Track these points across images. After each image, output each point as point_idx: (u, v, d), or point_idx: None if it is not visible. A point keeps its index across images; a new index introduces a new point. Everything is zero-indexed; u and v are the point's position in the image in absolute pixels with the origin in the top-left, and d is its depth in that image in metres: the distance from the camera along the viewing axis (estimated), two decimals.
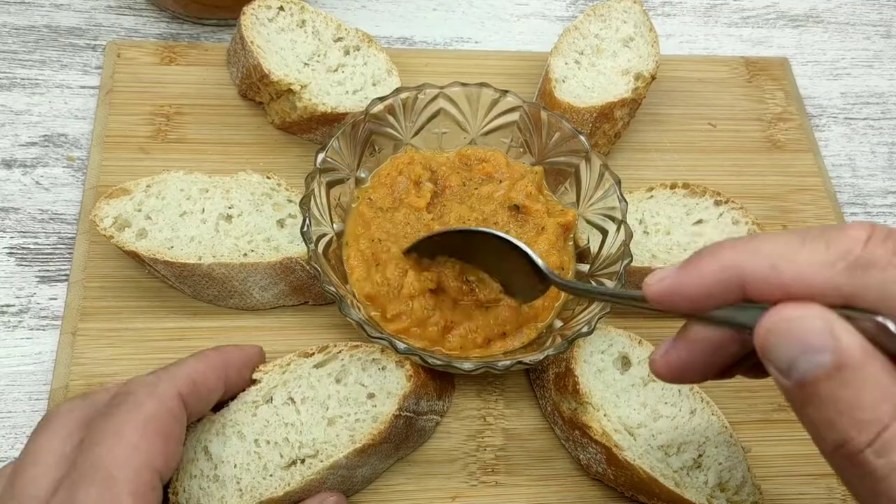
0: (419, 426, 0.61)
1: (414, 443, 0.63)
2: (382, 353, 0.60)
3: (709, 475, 0.64)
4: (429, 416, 0.61)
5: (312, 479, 0.56)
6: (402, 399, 0.57)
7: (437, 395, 0.62)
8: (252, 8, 0.81)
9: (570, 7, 1.01)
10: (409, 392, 0.58)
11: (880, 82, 0.99)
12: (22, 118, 0.82)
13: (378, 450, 0.58)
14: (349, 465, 0.56)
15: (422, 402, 0.60)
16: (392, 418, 0.57)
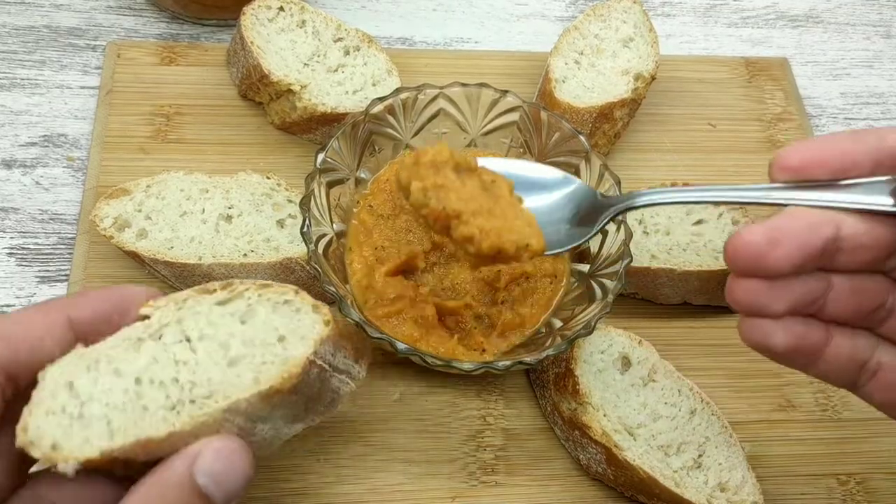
0: (332, 386, 0.52)
1: (324, 407, 0.53)
2: (297, 294, 0.51)
3: (709, 475, 0.64)
4: (343, 377, 0.53)
5: (204, 422, 0.46)
6: (318, 343, 0.49)
7: (354, 357, 0.54)
8: (252, 8, 0.81)
9: (570, 7, 1.01)
10: (326, 337, 0.49)
11: (880, 82, 0.99)
12: (22, 118, 0.83)
13: (285, 401, 0.48)
14: (250, 412, 0.47)
15: (338, 356, 0.52)
16: (306, 362, 0.48)
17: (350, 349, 0.53)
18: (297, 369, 0.48)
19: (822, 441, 0.72)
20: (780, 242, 0.45)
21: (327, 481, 0.66)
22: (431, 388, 0.71)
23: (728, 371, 0.75)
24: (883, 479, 0.71)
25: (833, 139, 0.47)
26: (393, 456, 0.68)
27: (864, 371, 0.51)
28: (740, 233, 0.45)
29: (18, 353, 0.45)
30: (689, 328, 0.76)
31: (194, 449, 0.43)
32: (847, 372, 0.51)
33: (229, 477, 0.43)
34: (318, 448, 0.67)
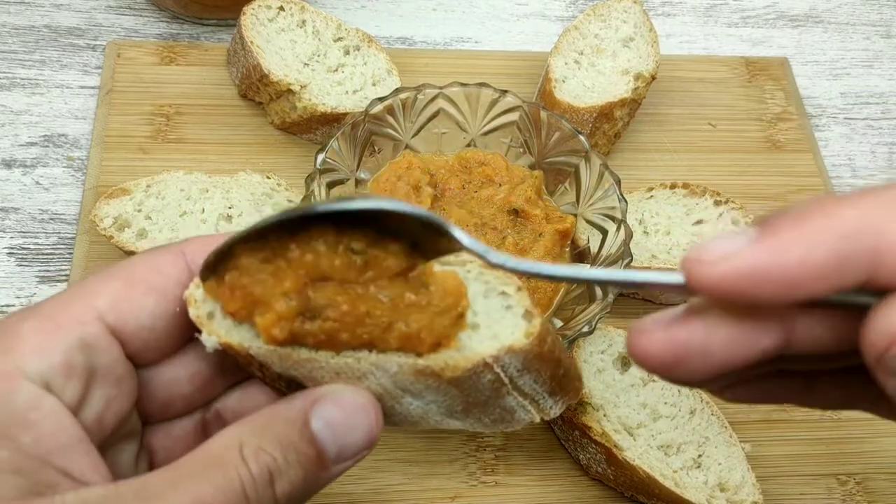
0: (506, 404, 0.45)
1: (490, 420, 0.47)
2: (518, 291, 0.44)
3: (708, 475, 0.64)
4: (525, 401, 0.46)
5: (348, 364, 0.41)
6: (504, 350, 0.41)
7: (549, 389, 0.46)
8: (252, 8, 0.81)
9: (570, 7, 1.01)
10: (518, 349, 0.41)
11: (880, 82, 0.99)
12: (22, 118, 0.83)
13: (442, 388, 0.42)
14: (398, 380, 0.42)
15: (526, 377, 0.44)
16: (480, 362, 0.41)
17: (547, 377, 0.45)
18: (466, 363, 0.41)
19: (822, 441, 0.72)
20: (681, 363, 0.33)
21: None
22: None
23: None
24: (883, 479, 0.71)
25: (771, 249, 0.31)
26: (393, 456, 0.68)
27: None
28: (635, 339, 0.34)
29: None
30: None
31: (321, 391, 0.40)
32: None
33: (348, 431, 0.39)
34: None
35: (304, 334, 0.39)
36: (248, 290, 0.40)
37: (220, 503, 0.36)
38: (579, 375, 0.49)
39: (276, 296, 0.39)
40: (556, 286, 0.71)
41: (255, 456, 0.37)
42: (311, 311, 0.39)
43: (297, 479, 0.38)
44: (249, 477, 0.37)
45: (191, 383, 0.44)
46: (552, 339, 0.44)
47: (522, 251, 0.71)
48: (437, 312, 0.40)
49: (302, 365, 0.41)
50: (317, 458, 0.39)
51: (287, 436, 0.38)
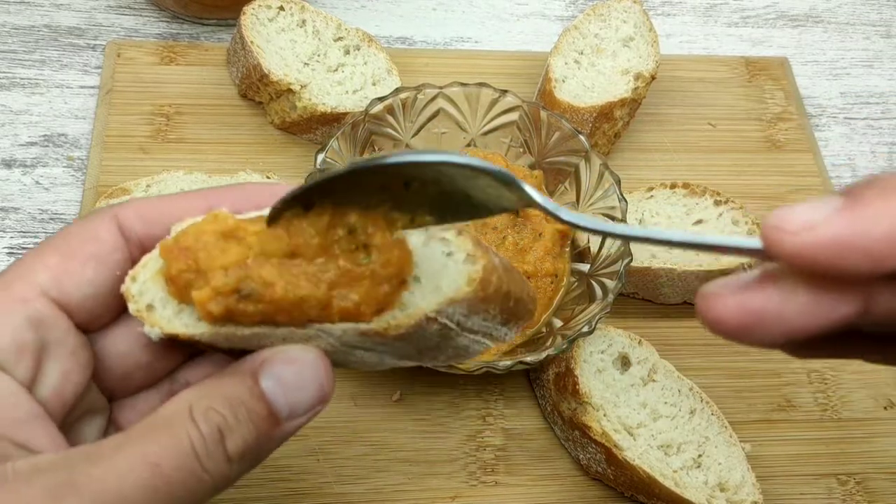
0: (458, 343, 0.44)
1: (445, 357, 0.46)
2: (458, 235, 0.42)
3: (708, 475, 0.64)
4: (477, 336, 0.45)
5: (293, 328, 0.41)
6: (444, 303, 0.40)
7: (503, 320, 0.44)
8: (252, 8, 0.81)
9: (570, 7, 1.01)
10: (461, 299, 0.40)
11: (880, 82, 0.99)
12: (22, 118, 0.83)
13: (389, 343, 0.42)
14: (345, 340, 0.41)
15: (473, 319, 0.42)
16: (423, 319, 0.40)
17: (496, 312, 0.43)
18: (408, 321, 0.40)
19: (822, 441, 0.72)
20: (756, 328, 0.33)
21: (327, 481, 0.66)
22: (431, 388, 0.71)
23: (728, 371, 0.75)
24: (883, 479, 0.71)
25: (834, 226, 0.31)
26: (393, 456, 0.68)
27: None
28: (707, 303, 0.33)
29: (154, 228, 0.43)
30: (689, 328, 0.76)
31: (269, 352, 0.40)
32: None
33: (298, 386, 0.40)
34: (318, 448, 0.67)
35: (240, 313, 0.39)
36: (194, 254, 0.40)
37: (169, 462, 0.36)
38: (532, 297, 0.47)
39: (215, 268, 0.40)
40: (557, 286, 0.71)
41: (203, 415, 0.37)
42: (246, 290, 0.39)
43: (250, 436, 0.38)
44: (199, 435, 0.37)
45: (147, 352, 0.44)
46: (497, 276, 0.42)
47: (522, 251, 0.71)
48: (379, 282, 0.40)
49: (247, 340, 0.41)
50: (269, 416, 0.39)
51: (237, 395, 0.38)
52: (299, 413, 0.40)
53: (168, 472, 0.36)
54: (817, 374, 0.75)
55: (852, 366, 0.76)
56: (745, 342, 0.34)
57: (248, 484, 0.65)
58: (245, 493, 0.64)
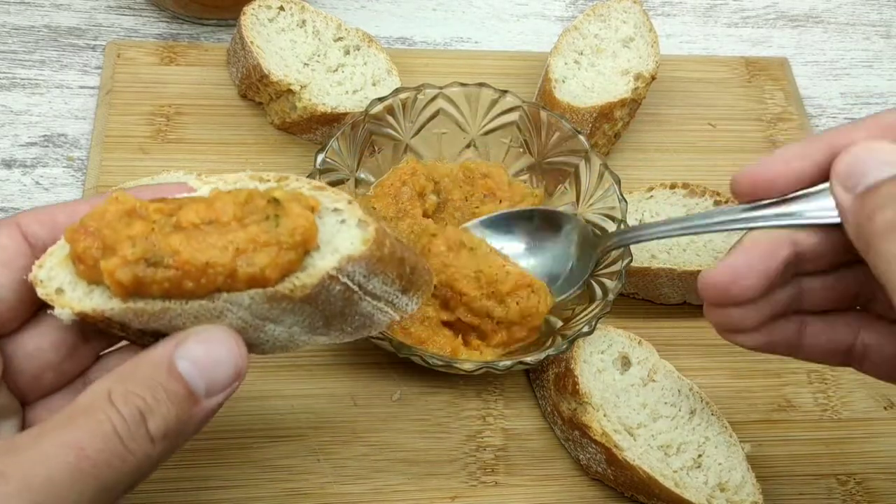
0: (363, 310, 0.47)
1: (352, 328, 0.49)
2: (349, 204, 0.46)
3: (708, 475, 0.64)
4: (380, 303, 0.48)
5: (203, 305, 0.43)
6: (344, 260, 0.44)
7: (400, 287, 0.48)
8: (252, 8, 0.81)
9: (570, 7, 1.01)
10: (357, 256, 0.44)
11: (880, 82, 0.99)
12: (22, 118, 0.83)
13: (296, 308, 0.44)
14: (254, 309, 0.43)
15: (374, 281, 0.46)
16: (326, 277, 0.43)
17: (394, 277, 0.47)
18: (312, 280, 0.43)
19: (822, 441, 0.72)
20: (740, 277, 0.48)
21: (327, 481, 0.66)
22: (431, 388, 0.71)
23: (728, 371, 0.75)
24: (883, 479, 0.71)
25: (782, 154, 0.49)
26: (393, 456, 0.68)
27: (852, 354, 0.53)
28: (704, 274, 0.50)
29: (57, 233, 0.44)
30: (689, 328, 0.76)
31: (182, 333, 0.42)
32: (833, 356, 0.54)
33: (213, 364, 0.41)
34: (318, 448, 0.67)
35: (150, 282, 0.41)
36: (99, 232, 0.42)
37: (93, 444, 0.37)
38: (428, 269, 0.51)
39: (122, 240, 0.41)
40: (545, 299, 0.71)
41: (123, 399, 0.38)
42: (154, 258, 0.41)
43: (170, 415, 0.39)
44: (120, 417, 0.38)
45: (56, 351, 0.45)
46: (391, 241, 0.46)
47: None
48: (285, 249, 0.42)
49: (159, 317, 0.42)
50: (187, 395, 0.40)
51: (154, 377, 0.40)
52: (217, 390, 0.41)
53: (93, 455, 0.37)
54: (817, 375, 0.75)
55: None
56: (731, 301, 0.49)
57: (249, 484, 0.65)
58: (245, 493, 0.64)
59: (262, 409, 0.68)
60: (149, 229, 0.41)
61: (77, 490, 0.36)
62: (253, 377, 0.69)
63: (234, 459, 0.66)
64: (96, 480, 0.37)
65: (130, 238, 0.41)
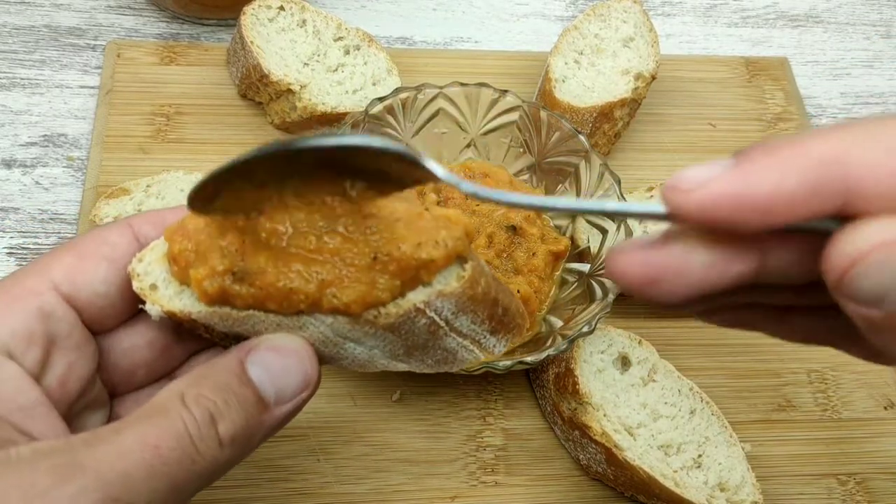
0: (447, 345, 0.45)
1: (433, 361, 0.47)
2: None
3: (708, 475, 0.64)
4: (465, 342, 0.46)
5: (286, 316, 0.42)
6: (434, 295, 0.42)
7: (491, 328, 0.46)
8: (252, 8, 0.81)
9: (570, 7, 1.01)
10: (448, 293, 0.42)
11: (880, 82, 0.99)
12: (22, 118, 0.82)
13: (378, 335, 0.43)
14: (336, 328, 0.42)
15: (462, 319, 0.44)
16: (412, 310, 0.42)
17: (485, 317, 0.45)
18: (398, 311, 0.41)
19: (822, 441, 0.72)
20: (659, 282, 0.35)
21: (327, 481, 0.66)
22: (431, 388, 0.71)
23: (728, 371, 0.75)
24: (883, 479, 0.71)
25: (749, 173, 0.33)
26: (393, 456, 0.68)
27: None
28: (613, 258, 0.36)
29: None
30: (689, 328, 0.76)
31: (255, 340, 0.42)
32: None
33: (283, 373, 0.42)
34: (318, 448, 0.67)
35: (234, 295, 0.41)
36: (195, 236, 0.42)
37: (166, 443, 0.38)
38: (522, 312, 0.48)
39: (214, 249, 0.41)
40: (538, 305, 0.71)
41: (195, 401, 0.39)
42: (241, 273, 0.41)
43: (240, 420, 0.40)
44: (192, 419, 0.38)
45: (150, 350, 0.46)
46: (486, 280, 0.44)
47: (516, 269, 0.71)
48: (379, 287, 0.41)
49: (243, 322, 0.42)
50: (257, 401, 0.41)
51: (225, 382, 0.40)
52: (286, 399, 0.42)
53: (166, 453, 0.37)
54: (817, 374, 0.75)
55: (852, 366, 0.76)
56: (652, 298, 0.35)
57: (249, 484, 0.65)
58: (245, 493, 0.64)
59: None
60: (240, 241, 0.41)
61: (151, 487, 0.37)
62: None
63: None
64: (169, 479, 0.37)
65: (221, 248, 0.41)
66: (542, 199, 0.50)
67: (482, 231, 0.72)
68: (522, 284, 0.69)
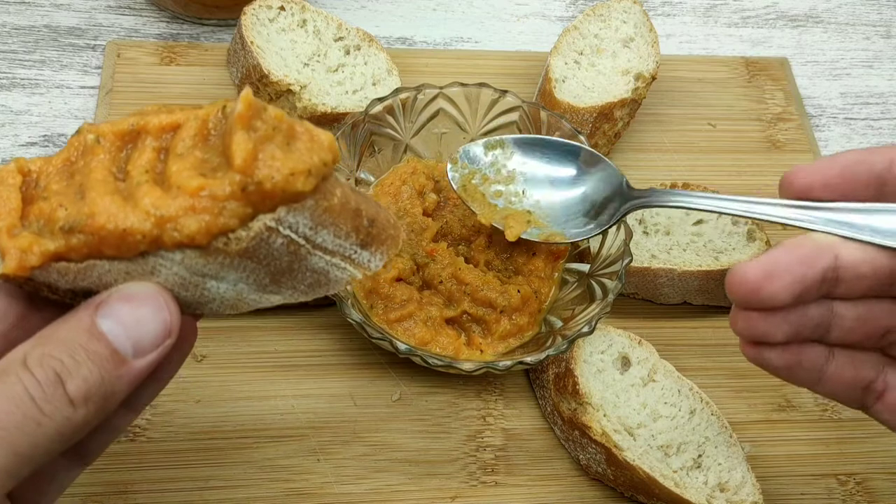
0: (314, 266, 0.41)
1: (305, 286, 0.43)
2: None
3: (708, 475, 0.64)
4: (335, 259, 0.42)
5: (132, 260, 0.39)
6: (283, 210, 0.38)
7: (360, 241, 0.42)
8: (253, 8, 0.81)
9: (570, 7, 1.01)
10: (297, 207, 0.38)
11: (880, 82, 0.99)
12: (22, 118, 0.83)
13: (236, 263, 0.39)
14: (189, 265, 0.39)
15: (323, 234, 0.40)
16: (263, 229, 0.38)
17: (349, 230, 0.41)
18: (245, 233, 0.38)
19: (822, 441, 0.72)
20: (774, 276, 0.45)
21: (327, 481, 0.66)
22: (431, 388, 0.71)
23: (728, 371, 0.75)
24: (883, 479, 0.71)
25: (842, 159, 0.48)
26: (393, 456, 0.68)
27: (869, 391, 0.51)
28: (738, 267, 0.46)
29: None
30: (689, 328, 0.76)
31: (104, 293, 0.39)
32: (852, 392, 0.51)
33: (139, 322, 0.39)
34: (318, 448, 0.67)
35: (61, 254, 0.38)
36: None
37: (2, 409, 0.35)
38: (393, 223, 0.45)
39: (4, 214, 0.38)
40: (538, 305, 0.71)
41: (38, 361, 0.37)
42: (66, 224, 0.37)
43: (93, 377, 0.37)
44: (33, 381, 0.36)
45: (3, 320, 0.42)
46: (342, 190, 0.40)
47: (516, 270, 0.72)
48: (229, 210, 0.37)
49: (86, 274, 0.39)
50: (111, 355, 0.38)
51: (74, 339, 0.38)
52: (146, 350, 0.39)
53: (2, 419, 0.35)
54: None
55: None
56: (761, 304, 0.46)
57: (249, 484, 0.65)
58: (245, 493, 0.64)
59: (262, 409, 0.68)
60: (58, 184, 0.38)
61: None
62: (253, 377, 0.69)
63: (234, 459, 0.66)
64: (8, 445, 0.35)
65: (28, 215, 0.38)
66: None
67: (482, 231, 0.72)
68: (522, 284, 0.69)
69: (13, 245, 0.38)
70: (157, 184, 0.38)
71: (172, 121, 0.42)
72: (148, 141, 0.41)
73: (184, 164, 0.38)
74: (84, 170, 0.39)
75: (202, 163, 0.39)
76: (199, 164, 0.39)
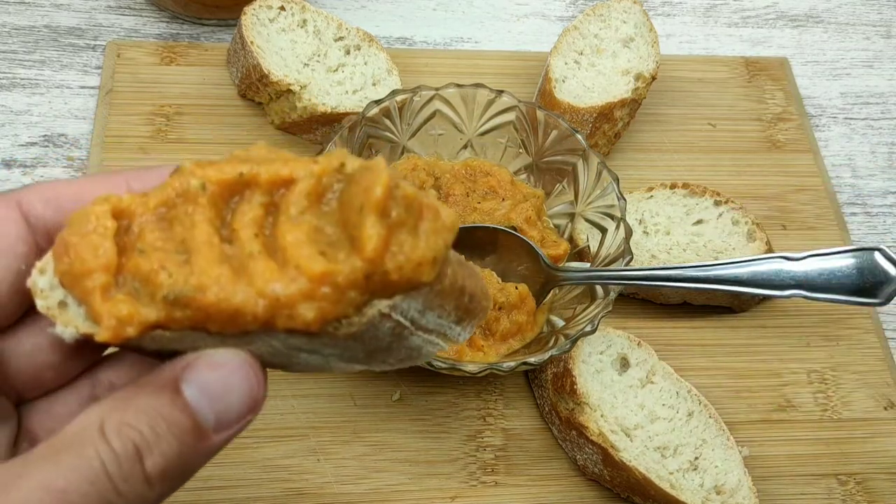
0: (411, 343, 0.39)
1: (395, 360, 0.41)
2: None
3: (705, 478, 0.64)
4: (431, 336, 0.40)
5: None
6: (399, 297, 0.35)
7: (457, 318, 0.40)
8: (253, 8, 0.81)
9: (570, 7, 1.01)
10: (415, 294, 0.36)
11: (880, 82, 0.99)
12: (22, 118, 0.83)
13: (338, 344, 0.36)
14: (287, 341, 0.36)
15: (429, 316, 0.38)
16: (376, 316, 0.35)
17: (451, 308, 0.39)
18: (361, 320, 0.35)
19: (821, 441, 0.72)
20: None
21: (327, 481, 0.66)
22: (431, 388, 0.71)
23: (727, 371, 0.75)
24: (883, 479, 0.71)
25: None
26: (393, 456, 0.68)
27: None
28: None
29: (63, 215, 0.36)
30: (689, 328, 0.76)
31: (191, 356, 0.35)
32: None
33: (225, 394, 0.35)
34: (318, 448, 0.67)
35: (163, 324, 0.34)
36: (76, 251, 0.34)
37: (78, 488, 0.32)
38: (486, 293, 0.42)
39: (98, 269, 0.33)
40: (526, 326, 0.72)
41: (117, 431, 0.33)
42: (174, 298, 0.33)
43: (172, 452, 0.34)
44: (111, 454, 0.32)
45: (56, 350, 0.39)
46: (452, 269, 0.37)
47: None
48: (348, 293, 0.34)
49: (180, 341, 0.35)
50: (193, 428, 0.34)
51: (155, 407, 0.34)
52: (228, 423, 0.36)
53: (76, 500, 0.32)
54: (817, 374, 0.75)
55: (852, 366, 0.76)
56: None
57: (249, 484, 0.65)
58: (245, 493, 0.64)
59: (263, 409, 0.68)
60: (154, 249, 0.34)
61: None
62: None
63: (234, 459, 0.66)
64: None
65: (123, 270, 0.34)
66: None
67: None
68: (523, 285, 0.69)
69: (109, 312, 0.33)
70: (267, 248, 0.35)
71: (285, 175, 0.38)
72: (257, 196, 0.37)
73: (299, 235, 0.34)
74: (186, 222, 0.35)
75: (317, 232, 0.35)
76: (315, 235, 0.35)
